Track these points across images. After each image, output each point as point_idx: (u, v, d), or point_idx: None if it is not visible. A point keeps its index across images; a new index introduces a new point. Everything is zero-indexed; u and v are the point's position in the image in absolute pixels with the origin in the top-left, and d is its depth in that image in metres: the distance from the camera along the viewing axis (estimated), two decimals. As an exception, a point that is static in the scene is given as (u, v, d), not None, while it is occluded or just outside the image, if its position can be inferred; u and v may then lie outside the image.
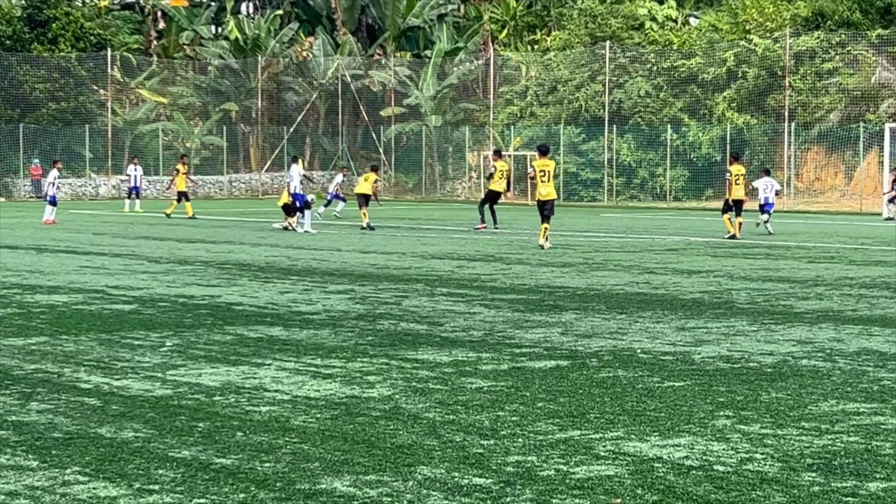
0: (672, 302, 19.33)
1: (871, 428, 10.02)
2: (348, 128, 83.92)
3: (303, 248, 31.84)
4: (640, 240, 35.79)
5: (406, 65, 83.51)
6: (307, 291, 20.89)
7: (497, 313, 17.77)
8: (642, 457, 9.06)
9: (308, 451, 9.21)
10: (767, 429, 9.99)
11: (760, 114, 67.72)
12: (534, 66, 78.87)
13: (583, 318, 17.15)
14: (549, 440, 9.57)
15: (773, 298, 19.88)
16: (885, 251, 31.13)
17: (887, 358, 13.63)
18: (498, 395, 11.42)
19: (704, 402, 11.10)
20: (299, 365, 13.16)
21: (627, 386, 11.93)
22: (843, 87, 64.90)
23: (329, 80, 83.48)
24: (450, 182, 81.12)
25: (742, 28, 70.19)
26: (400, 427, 10.04)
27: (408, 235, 37.91)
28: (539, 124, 75.64)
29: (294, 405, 10.95)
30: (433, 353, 13.92)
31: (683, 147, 69.21)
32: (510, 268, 25.73)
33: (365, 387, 11.86)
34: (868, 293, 20.72)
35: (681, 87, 70.82)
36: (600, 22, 75.19)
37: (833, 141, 64.72)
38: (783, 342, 14.86)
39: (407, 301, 19.41)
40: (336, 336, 15.35)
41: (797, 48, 66.39)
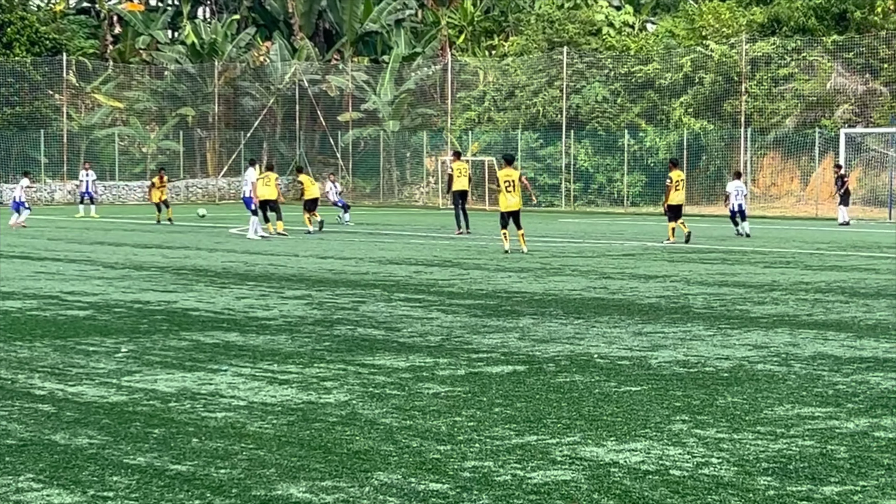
0: (629, 307, 19.37)
1: (825, 432, 10.06)
2: (306, 133, 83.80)
3: (259, 253, 31.76)
4: (597, 245, 35.87)
5: (363, 70, 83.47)
6: (264, 297, 20.83)
7: (454, 318, 17.76)
8: (599, 461, 9.07)
9: (264, 458, 9.17)
10: (723, 433, 10.01)
11: (717, 119, 68.01)
12: (491, 71, 78.97)
13: (540, 323, 17.16)
14: (505, 445, 9.56)
15: (730, 303, 19.95)
16: (841, 256, 31.30)
17: (842, 362, 13.69)
18: (455, 401, 11.41)
19: (661, 407, 11.12)
20: (256, 371, 13.11)
21: (584, 391, 11.93)
22: (799, 93, 65.26)
23: (286, 84, 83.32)
24: (408, 187, 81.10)
25: (698, 34, 70.50)
26: (356, 433, 10.01)
27: (365, 240, 37.86)
28: (497, 129, 75.73)
29: (250, 411, 10.91)
30: (390, 359, 13.89)
31: (640, 152, 69.44)
32: (468, 273, 25.73)
33: (321, 392, 11.82)
34: (823, 298, 20.82)
35: (638, 92, 71.05)
36: (558, 27, 75.36)
37: (789, 146, 65.08)
38: (739, 347, 14.91)
39: (364, 306, 19.38)
40: (293, 342, 15.31)
41: (753, 54, 66.73)
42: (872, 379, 12.59)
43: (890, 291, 21.94)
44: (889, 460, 9.07)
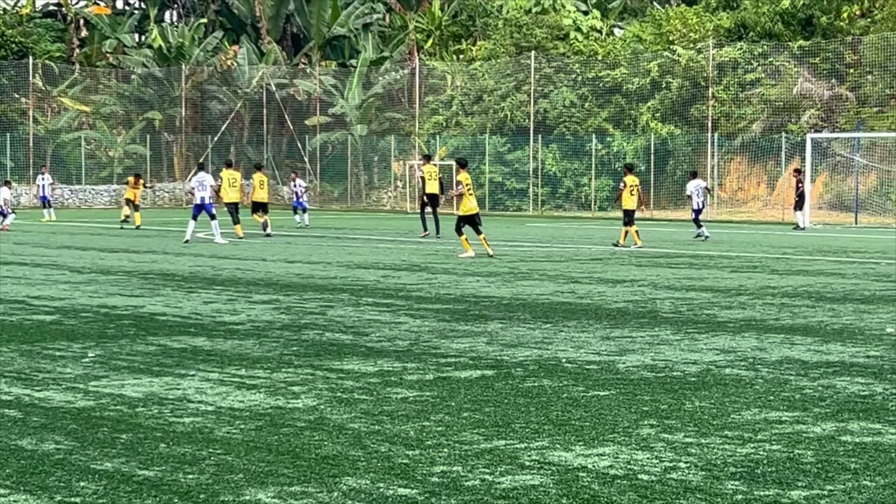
0: (597, 311, 19.40)
1: (793, 436, 10.09)
2: (273, 137, 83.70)
3: (227, 257, 31.68)
4: (565, 249, 35.93)
5: (331, 74, 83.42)
6: (231, 301, 20.78)
7: (422, 323, 17.76)
8: (567, 466, 9.07)
9: (232, 463, 9.14)
10: (691, 437, 10.03)
11: (684, 124, 68.24)
12: (459, 75, 79.04)
13: (508, 328, 17.17)
14: (474, 450, 9.56)
15: (697, 308, 20.00)
16: (807, 260, 31.43)
17: (809, 367, 13.74)
18: (423, 406, 11.40)
19: (629, 412, 11.13)
20: (223, 376, 13.07)
21: (552, 395, 11.94)
22: (766, 98, 65.54)
23: (254, 88, 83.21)
24: (375, 191, 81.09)
25: (666, 39, 70.71)
26: (325, 438, 10.00)
27: (333, 245, 37.82)
28: (464, 134, 75.81)
29: (218, 416, 10.87)
30: (358, 364, 13.88)
31: (608, 157, 69.60)
32: (436, 277, 25.73)
33: (290, 397, 11.80)
34: (790, 302, 20.90)
35: (605, 97, 71.23)
36: (525, 32, 75.47)
37: (755, 151, 65.36)
38: (707, 351, 14.95)
39: (332, 311, 19.35)
40: (261, 346, 15.27)
41: (720, 59, 66.98)
42: (839, 383, 12.64)
43: (856, 296, 22.04)
44: (856, 465, 9.11)
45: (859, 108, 63.45)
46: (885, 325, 17.57)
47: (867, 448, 9.65)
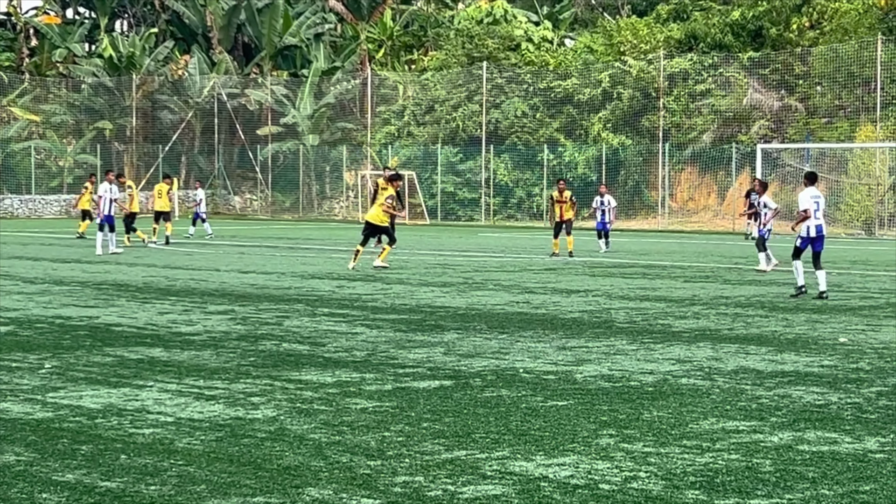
0: (552, 321, 19.48)
1: (750, 445, 10.18)
2: (224, 146, 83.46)
3: (181, 267, 31.59)
4: (518, 259, 36.01)
5: (283, 84, 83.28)
6: (187, 312, 20.72)
7: (379, 333, 17.78)
8: (529, 476, 9.12)
9: (194, 474, 9.14)
10: (650, 447, 10.11)
11: (635, 134, 68.54)
12: (411, 85, 79.09)
13: (465, 338, 17.22)
14: (435, 460, 9.59)
15: (652, 318, 20.11)
16: (759, 271, 31.62)
17: (764, 376, 13.85)
18: (383, 416, 11.42)
19: (588, 421, 11.20)
20: (182, 386, 13.05)
21: (511, 405, 11.99)
22: (716, 109, 65.92)
23: (205, 98, 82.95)
24: (327, 201, 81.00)
25: (617, 50, 71.01)
26: (286, 448, 10.01)
27: (286, 255, 37.76)
28: (416, 144, 75.84)
29: (178, 427, 10.86)
30: (316, 374, 13.88)
31: (560, 167, 69.78)
32: (390, 287, 25.74)
33: (249, 408, 11.80)
34: (744, 312, 21.04)
35: (557, 107, 71.43)
36: (477, 42, 75.61)
37: (706, 161, 65.71)
38: (663, 361, 15.04)
39: (288, 321, 19.34)
40: (218, 357, 15.25)
41: (671, 70, 67.33)
42: (794, 393, 12.75)
43: (808, 306, 22.23)
44: (814, 473, 9.20)
45: (808, 119, 63.91)
46: (839, 335, 17.73)
47: (824, 457, 9.75)
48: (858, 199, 58.41)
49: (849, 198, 58.48)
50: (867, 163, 59.62)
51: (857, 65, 61.37)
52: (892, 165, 58.71)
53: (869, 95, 61.30)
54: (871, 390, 12.92)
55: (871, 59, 60.30)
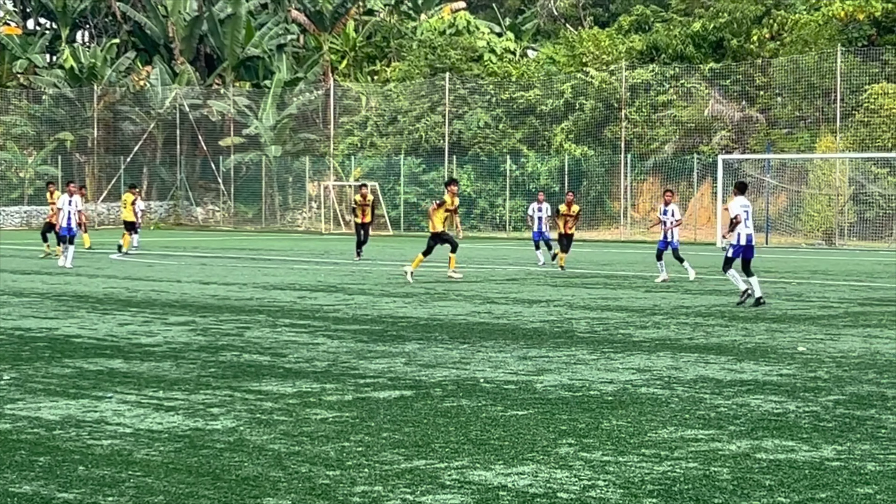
0: (514, 331, 19.51)
1: (708, 454, 10.22)
2: (187, 157, 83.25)
3: (141, 279, 31.49)
4: (481, 270, 36.05)
5: (245, 94, 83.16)
6: (147, 323, 20.66)
7: (340, 344, 17.77)
8: (487, 485, 9.14)
9: (152, 485, 9.12)
10: (609, 456, 10.14)
11: (597, 145, 68.75)
12: (374, 96, 79.13)
13: (426, 348, 17.23)
14: (394, 470, 9.60)
15: (613, 327, 20.17)
16: (720, 280, 31.73)
17: (723, 385, 13.92)
18: (343, 426, 11.42)
19: (547, 431, 11.22)
20: (141, 398, 13.01)
21: (471, 415, 12.01)
22: (678, 120, 66.21)
23: (167, 109, 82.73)
24: (290, 212, 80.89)
25: (579, 61, 71.25)
26: (245, 459, 9.99)
27: (248, 266, 37.69)
28: (379, 155, 75.88)
29: (136, 438, 10.83)
30: (277, 385, 13.87)
31: (522, 177, 69.95)
32: (352, 298, 25.74)
33: (208, 419, 11.77)
34: (704, 322, 21.13)
35: (519, 118, 71.60)
36: (440, 53, 75.73)
37: (668, 172, 65.96)
38: (623, 370, 15.09)
39: (249, 332, 19.31)
40: (178, 368, 15.21)
41: (633, 81, 67.58)
42: (753, 401, 12.81)
43: (768, 315, 22.33)
44: (771, 481, 9.25)
45: (769, 130, 64.26)
46: (797, 344, 17.83)
47: (781, 465, 9.80)
48: (819, 210, 58.74)
49: (809, 208, 58.80)
50: (827, 173, 59.97)
51: (817, 76, 61.75)
52: (851, 176, 59.07)
53: (829, 106, 61.68)
54: (828, 399, 12.99)
55: (831, 70, 60.67)
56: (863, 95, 59.44)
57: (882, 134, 58.00)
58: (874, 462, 9.90)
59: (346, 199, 77.44)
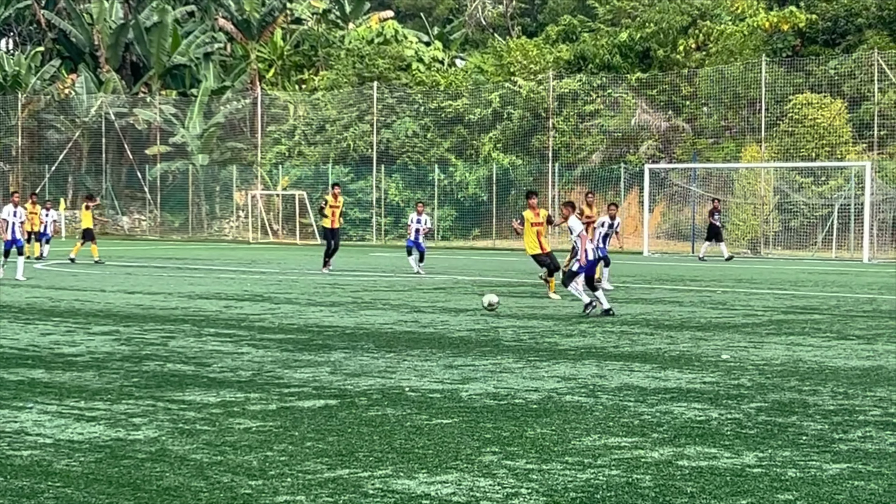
0: (440, 340, 19.50)
1: (631, 461, 10.25)
2: (112, 166, 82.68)
3: (65, 288, 31.21)
4: (408, 279, 36.03)
5: (172, 103, 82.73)
6: (70, 333, 20.47)
7: (265, 353, 17.68)
8: (411, 494, 9.11)
9: (72, 496, 9.02)
10: (533, 464, 10.14)
11: (525, 154, 68.96)
12: (301, 105, 78.96)
13: (352, 357, 17.18)
14: (317, 479, 9.55)
15: (538, 336, 20.21)
16: (646, 289, 31.94)
17: (647, 393, 13.97)
18: (266, 436, 11.35)
19: (472, 439, 11.21)
20: (62, 408, 12.88)
21: (396, 424, 11.98)
22: (605, 129, 66.55)
23: (92, 117, 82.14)
24: (217, 221, 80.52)
25: (507, 70, 71.46)
26: (167, 469, 9.91)
27: (174, 275, 37.45)
28: (307, 163, 75.71)
29: (57, 449, 10.71)
30: (200, 394, 13.77)
31: (451, 187, 70.02)
32: (278, 307, 25.63)
33: (130, 429, 11.67)
34: (629, 330, 21.22)
35: (448, 127, 71.68)
36: (368, 62, 75.70)
37: (595, 181, 66.25)
38: (548, 378, 15.11)
39: (173, 341, 19.17)
40: (100, 378, 15.07)
41: (560, 90, 67.85)
42: (676, 409, 12.87)
43: (693, 323, 22.46)
44: (692, 488, 9.29)
45: (695, 140, 64.73)
46: (721, 352, 17.94)
47: (703, 472, 9.84)
48: (744, 219, 59.25)
49: (735, 217, 59.27)
50: (753, 182, 60.50)
51: (743, 86, 62.28)
52: (776, 185, 59.63)
53: (754, 116, 62.23)
54: (751, 406, 13.07)
55: (756, 80, 61.21)
56: (787, 105, 60.01)
57: (806, 144, 58.57)
58: (795, 468, 9.97)
59: (273, 208, 77.18)
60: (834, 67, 60.39)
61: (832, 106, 58.74)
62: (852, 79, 59.77)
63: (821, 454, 10.56)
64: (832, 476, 9.72)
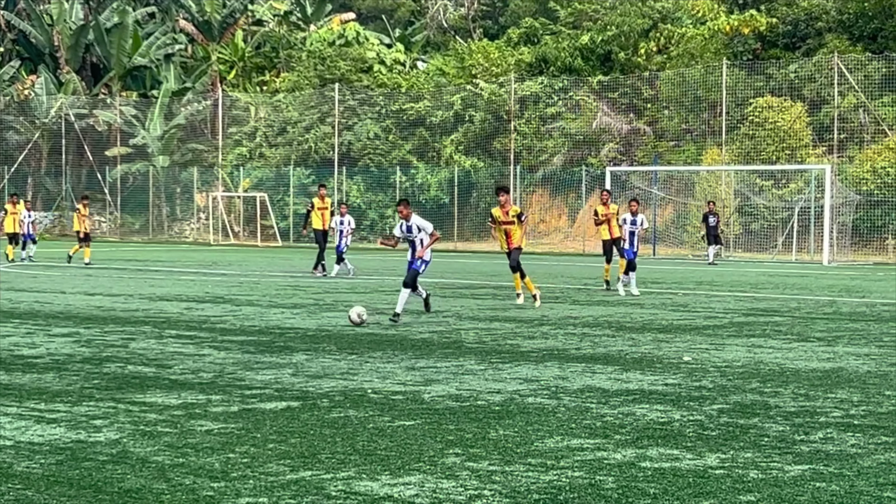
0: (402, 342, 19.48)
1: (594, 463, 10.26)
2: (72, 168, 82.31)
3: (25, 290, 31.03)
4: (369, 281, 35.99)
5: (132, 104, 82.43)
6: (30, 334, 20.34)
7: (227, 355, 17.62)
8: (373, 496, 9.09)
9: (32, 498, 8.95)
10: (495, 465, 10.13)
11: (487, 156, 69.02)
12: (263, 107, 78.80)
13: (314, 359, 17.14)
14: (280, 481, 9.52)
15: (501, 338, 20.22)
16: (608, 292, 31.99)
17: (610, 395, 13.99)
18: (228, 437, 11.31)
19: (434, 441, 11.20)
20: (22, 410, 12.79)
21: (358, 426, 11.95)
22: (566, 132, 66.68)
23: (52, 119, 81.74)
24: (178, 223, 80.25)
25: (468, 73, 71.52)
26: (128, 471, 9.85)
27: (135, 277, 37.30)
28: (268, 165, 75.58)
29: (17, 451, 10.64)
30: (162, 396, 13.71)
31: (412, 188, 70.01)
32: (240, 309, 25.56)
33: (91, 431, 11.60)
34: (591, 332, 21.25)
35: (409, 129, 71.69)
36: (329, 64, 75.62)
37: (557, 184, 66.40)
38: (510, 380, 15.12)
39: (134, 343, 19.09)
40: (61, 380, 14.98)
41: (522, 93, 67.95)
42: (638, 410, 12.89)
43: (655, 325, 22.52)
44: (655, 489, 9.30)
45: (656, 142, 64.94)
46: (683, 354, 17.99)
47: (665, 473, 9.86)
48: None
49: (695, 220, 59.46)
50: (713, 185, 60.72)
51: (704, 89, 62.53)
52: (737, 188, 59.87)
53: (715, 119, 62.48)
54: (713, 408, 13.11)
55: (717, 83, 61.46)
56: (748, 108, 60.28)
57: (767, 147, 58.85)
58: (757, 470, 10.00)
59: (234, 210, 76.98)
60: (794, 71, 60.71)
61: (792, 109, 59.05)
62: (812, 82, 60.10)
63: (782, 455, 10.59)
64: (794, 477, 9.75)
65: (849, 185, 56.24)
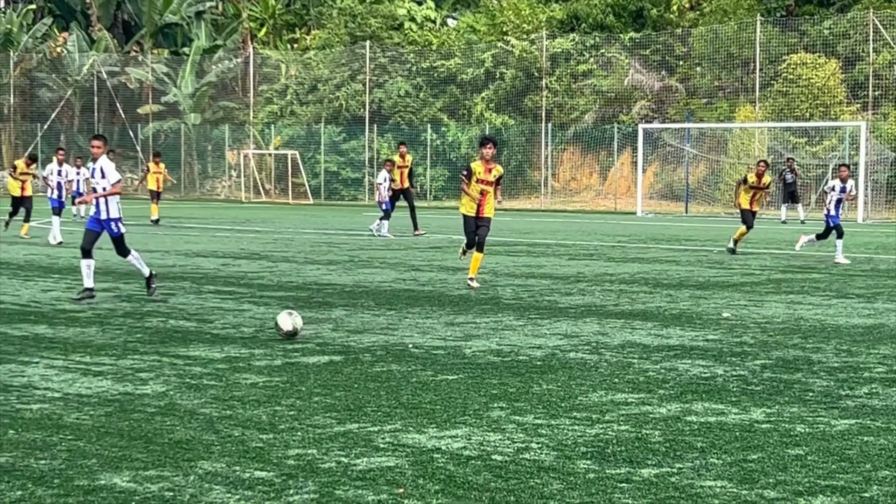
0: (440, 298, 19.51)
1: (640, 417, 10.29)
2: (105, 125, 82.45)
3: (62, 246, 31.16)
4: (403, 238, 36.01)
5: (163, 62, 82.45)
6: (70, 290, 20.46)
7: (266, 310, 17.69)
8: (422, 448, 9.14)
9: (84, 448, 9.04)
10: (541, 419, 10.17)
11: (518, 114, 68.83)
12: (293, 64, 78.71)
13: (353, 315, 17.20)
14: (328, 433, 9.58)
15: (538, 294, 20.23)
16: (641, 248, 31.97)
17: (650, 350, 14.01)
18: (274, 391, 11.38)
19: (478, 395, 11.24)
20: (68, 363, 12.89)
21: (402, 380, 12.01)
22: (598, 89, 66.42)
23: (84, 76, 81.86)
24: (210, 180, 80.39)
25: (500, 30, 71.26)
26: (177, 423, 9.93)
27: (169, 234, 37.41)
28: (299, 123, 75.56)
29: (66, 402, 10.73)
30: (205, 350, 13.79)
31: (443, 147, 69.94)
32: (276, 265, 25.63)
33: (138, 384, 11.69)
34: (628, 289, 21.25)
35: (440, 87, 71.53)
36: (360, 21, 75.44)
37: (588, 141, 66.21)
38: (550, 336, 15.14)
39: (174, 299, 19.18)
40: (104, 334, 15.08)
41: (553, 50, 67.69)
42: (681, 366, 12.91)
43: (691, 282, 22.50)
44: (702, 443, 9.33)
45: (689, 100, 64.66)
46: (721, 310, 17.98)
47: (712, 427, 9.88)
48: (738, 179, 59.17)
49: (728, 177, 59.26)
50: (746, 143, 60.49)
51: (737, 46, 62.19)
52: (770, 145, 59.61)
53: (748, 76, 62.16)
54: (755, 363, 13.12)
55: (750, 40, 61.13)
56: (781, 65, 59.94)
57: (800, 104, 58.54)
58: (803, 424, 10.02)
59: (265, 167, 77.06)
60: (828, 27, 60.31)
61: (826, 66, 58.69)
62: (847, 39, 59.71)
63: (828, 410, 10.60)
64: (841, 431, 9.76)
65: (883, 143, 55.93)
